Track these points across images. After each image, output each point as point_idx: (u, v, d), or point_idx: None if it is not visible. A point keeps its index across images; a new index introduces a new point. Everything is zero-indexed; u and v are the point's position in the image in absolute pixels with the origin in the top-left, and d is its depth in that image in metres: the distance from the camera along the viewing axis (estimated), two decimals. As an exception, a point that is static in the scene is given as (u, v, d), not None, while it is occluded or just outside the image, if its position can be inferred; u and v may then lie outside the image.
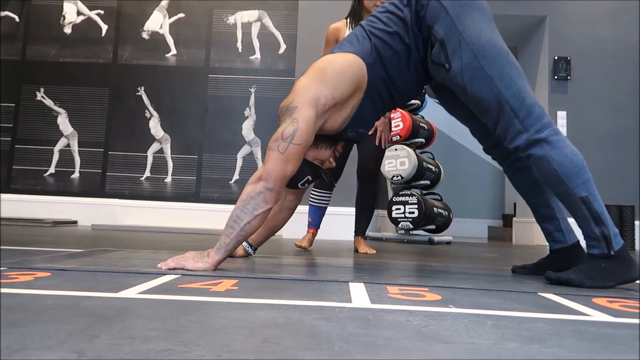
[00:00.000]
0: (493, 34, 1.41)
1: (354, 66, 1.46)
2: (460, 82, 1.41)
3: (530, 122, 1.36)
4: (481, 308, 0.95)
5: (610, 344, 0.71)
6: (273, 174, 1.34)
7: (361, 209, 2.58)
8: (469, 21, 1.40)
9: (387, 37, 1.48)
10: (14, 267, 1.27)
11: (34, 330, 0.65)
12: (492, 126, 1.43)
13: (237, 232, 1.34)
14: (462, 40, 1.39)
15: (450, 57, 1.41)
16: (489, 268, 1.81)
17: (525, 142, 1.36)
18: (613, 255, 1.30)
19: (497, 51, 1.39)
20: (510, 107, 1.36)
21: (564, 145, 1.35)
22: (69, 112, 4.65)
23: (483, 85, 1.38)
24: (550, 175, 1.35)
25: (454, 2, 1.42)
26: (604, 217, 1.32)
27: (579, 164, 1.35)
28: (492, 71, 1.37)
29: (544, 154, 1.35)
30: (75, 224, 4.40)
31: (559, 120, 4.17)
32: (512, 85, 1.37)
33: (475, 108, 1.45)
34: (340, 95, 1.45)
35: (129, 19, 4.72)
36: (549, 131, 1.36)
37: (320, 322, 0.77)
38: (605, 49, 4.21)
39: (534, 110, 1.36)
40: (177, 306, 0.86)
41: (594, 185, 1.36)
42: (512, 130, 1.38)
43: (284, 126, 1.38)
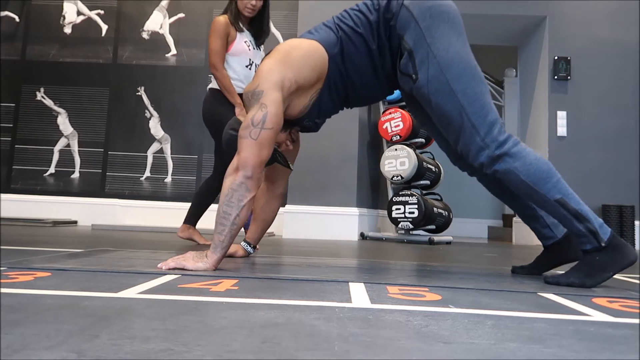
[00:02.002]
0: (462, 48, 1.42)
1: (317, 54, 1.46)
2: (425, 93, 1.42)
3: (491, 139, 1.36)
4: (481, 308, 0.95)
5: (610, 344, 0.71)
6: (250, 162, 1.35)
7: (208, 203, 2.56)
8: (439, 34, 1.41)
9: (354, 35, 1.48)
10: (14, 267, 1.27)
11: (34, 330, 0.65)
12: (454, 141, 1.43)
13: (229, 227, 1.34)
14: (430, 53, 1.40)
15: (418, 68, 1.42)
16: (489, 268, 1.81)
17: (488, 159, 1.37)
18: (605, 246, 1.30)
19: (463, 66, 1.39)
20: (471, 123, 1.37)
21: (526, 154, 1.36)
22: (69, 112, 4.65)
23: (447, 99, 1.38)
24: (521, 186, 1.36)
25: (425, 13, 1.42)
26: (584, 212, 1.32)
27: (545, 169, 1.35)
28: (457, 86, 1.38)
29: (509, 168, 1.35)
30: (75, 224, 4.40)
31: (559, 120, 4.17)
32: (476, 102, 1.37)
33: (438, 121, 1.45)
34: (303, 80, 1.45)
35: (129, 19, 4.72)
36: (510, 144, 1.36)
37: (320, 322, 0.77)
38: (605, 49, 4.21)
39: (495, 126, 1.37)
40: (177, 306, 0.86)
41: (566, 184, 1.36)
42: (474, 146, 1.38)
43: (252, 112, 1.37)
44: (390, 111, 4.15)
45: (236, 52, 2.40)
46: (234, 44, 2.39)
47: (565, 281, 1.31)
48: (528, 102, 4.71)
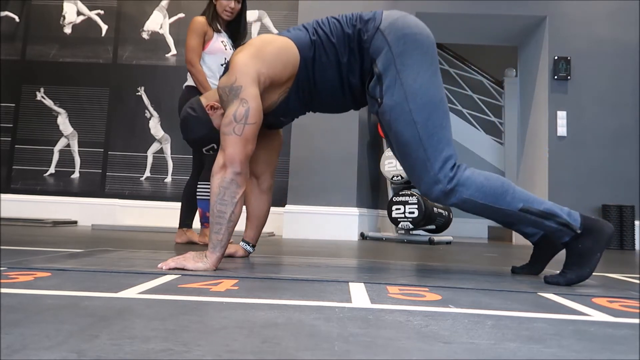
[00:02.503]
0: (430, 80, 1.42)
1: (290, 52, 1.47)
2: (387, 119, 1.43)
3: (443, 174, 1.38)
4: (481, 308, 0.95)
5: (610, 344, 0.71)
6: (237, 158, 1.35)
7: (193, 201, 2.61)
8: (410, 62, 1.42)
9: (328, 44, 1.48)
10: (14, 267, 1.27)
11: (34, 330, 0.65)
12: (408, 170, 1.44)
13: (226, 225, 1.35)
14: (398, 79, 1.41)
15: (384, 93, 1.43)
16: (489, 268, 1.81)
17: (442, 194, 1.38)
18: (581, 232, 1.32)
19: (428, 98, 1.40)
20: (427, 157, 1.38)
21: (475, 178, 1.37)
22: (69, 112, 4.65)
23: (406, 128, 1.40)
24: (482, 209, 1.38)
25: (399, 40, 1.43)
26: (550, 210, 1.34)
27: (498, 185, 1.37)
28: (418, 116, 1.39)
29: (464, 197, 1.37)
30: (75, 224, 4.40)
31: (559, 120, 4.17)
32: (434, 135, 1.39)
33: (396, 148, 1.47)
34: (275, 76, 1.45)
35: (129, 19, 4.72)
36: (459, 174, 1.38)
37: (320, 322, 0.77)
38: (605, 49, 4.21)
39: (449, 162, 1.39)
40: (177, 306, 0.86)
41: (523, 190, 1.38)
42: (427, 179, 1.39)
43: (233, 108, 1.37)
44: (390, 111, 4.15)
45: (212, 51, 2.49)
46: (210, 43, 2.49)
47: (565, 280, 1.32)
48: (528, 102, 4.71)
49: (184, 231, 2.58)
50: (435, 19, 4.55)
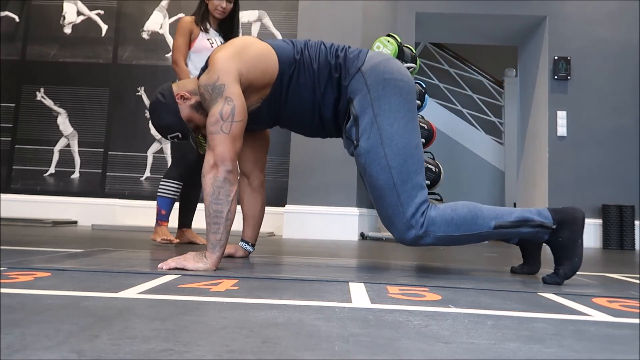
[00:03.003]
0: (407, 125, 1.43)
1: (270, 61, 1.46)
2: (363, 162, 1.44)
3: (416, 220, 1.40)
4: (481, 308, 0.95)
5: (610, 344, 0.71)
6: (227, 156, 1.35)
7: (194, 202, 2.62)
8: (387, 107, 1.43)
9: (309, 67, 1.48)
10: (14, 267, 1.27)
11: (34, 330, 0.65)
12: (382, 214, 1.45)
13: (224, 224, 1.35)
14: (374, 123, 1.42)
15: (360, 135, 1.44)
16: (489, 268, 1.81)
17: (415, 238, 1.40)
18: (556, 226, 1.35)
19: (404, 143, 1.41)
20: (400, 202, 1.40)
21: (443, 214, 1.39)
22: (69, 112, 4.65)
23: (381, 173, 1.41)
24: (459, 240, 1.41)
25: (379, 84, 1.43)
26: (522, 218, 1.37)
27: (465, 212, 1.39)
28: (393, 162, 1.40)
29: (437, 236, 1.40)
30: (75, 224, 4.40)
31: (559, 120, 4.17)
32: (408, 181, 1.40)
33: (370, 191, 1.47)
34: (253, 80, 1.45)
35: (129, 19, 4.72)
36: (426, 215, 1.39)
37: (320, 322, 0.77)
38: (605, 49, 4.21)
39: (421, 207, 1.40)
40: (177, 306, 0.86)
41: (489, 207, 1.41)
42: (400, 225, 1.41)
43: (219, 106, 1.37)
44: (390, 111, 4.14)
45: (198, 49, 2.49)
46: (196, 41, 2.49)
47: (560, 277, 1.33)
48: (528, 102, 4.71)
49: (183, 232, 2.58)
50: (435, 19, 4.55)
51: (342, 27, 3.89)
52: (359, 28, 3.89)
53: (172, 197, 2.45)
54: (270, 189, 4.16)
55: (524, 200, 4.77)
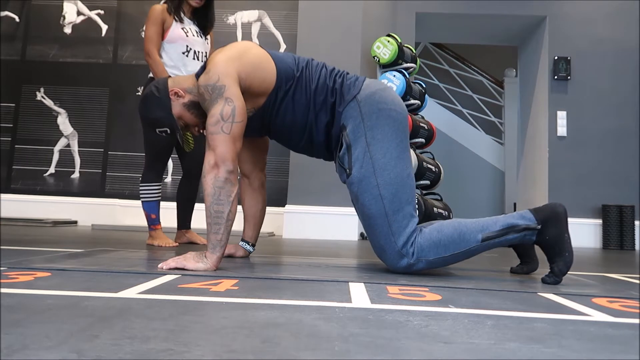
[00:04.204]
0: (399, 156, 1.44)
1: (268, 70, 1.46)
2: (355, 190, 1.45)
3: (406, 250, 1.40)
4: (481, 308, 0.95)
5: (610, 344, 0.71)
6: (228, 156, 1.35)
7: (190, 202, 2.59)
8: (380, 136, 1.43)
9: (306, 87, 1.48)
10: (14, 267, 1.27)
11: (34, 330, 0.65)
12: (374, 242, 1.46)
13: (224, 224, 1.35)
14: (367, 153, 1.43)
15: (352, 164, 1.45)
16: (489, 268, 1.81)
17: (408, 265, 1.41)
18: (541, 226, 1.36)
19: (396, 173, 1.42)
20: (392, 231, 1.40)
21: (430, 237, 1.40)
22: (69, 112, 4.65)
23: (373, 202, 1.42)
24: (451, 260, 1.41)
25: (373, 114, 1.44)
26: (505, 224, 1.38)
27: (450, 232, 1.40)
28: (385, 191, 1.41)
29: (430, 260, 1.40)
30: (75, 224, 4.40)
31: (559, 120, 4.17)
32: (400, 211, 1.41)
33: (361, 219, 1.48)
34: (250, 86, 1.45)
35: (129, 19, 4.72)
36: (419, 243, 1.39)
37: (320, 322, 0.77)
38: (605, 49, 4.21)
39: (413, 235, 1.41)
40: (177, 306, 0.86)
41: (473, 220, 1.41)
42: (391, 253, 1.41)
43: (219, 107, 1.37)
44: (390, 111, 4.14)
45: (172, 39, 2.37)
46: (169, 31, 2.37)
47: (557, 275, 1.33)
48: (528, 102, 4.71)
49: (183, 233, 2.57)
50: (435, 19, 4.55)
51: (342, 27, 3.89)
52: (359, 28, 3.89)
53: (156, 199, 2.41)
54: (270, 189, 4.16)
55: (524, 200, 4.77)
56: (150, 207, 2.39)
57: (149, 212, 2.39)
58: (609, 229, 3.88)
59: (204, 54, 2.46)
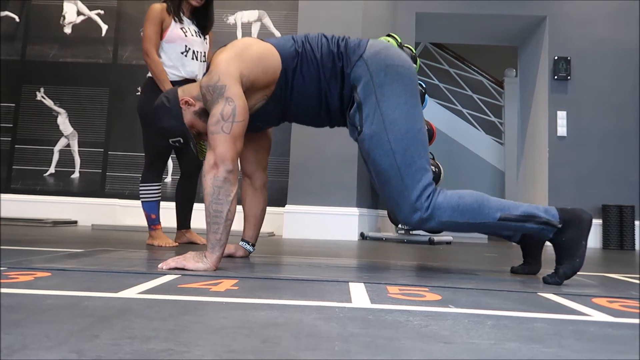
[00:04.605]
0: (409, 110, 1.44)
1: (272, 60, 1.48)
2: (367, 147, 1.45)
3: (421, 202, 1.40)
4: (481, 308, 0.95)
5: (610, 344, 0.71)
6: (228, 155, 1.35)
7: (188, 202, 2.59)
8: (390, 93, 1.44)
9: (312, 59, 1.49)
10: (14, 267, 1.27)
11: (34, 330, 0.65)
12: (387, 197, 1.46)
13: (223, 224, 1.35)
14: (377, 109, 1.43)
15: (363, 121, 1.45)
16: (489, 268, 1.81)
17: (420, 220, 1.41)
18: (562, 225, 1.34)
19: (407, 128, 1.42)
20: (405, 185, 1.40)
21: (449, 199, 1.39)
22: (69, 112, 4.65)
23: (385, 158, 1.42)
24: (463, 227, 1.41)
25: (381, 71, 1.45)
26: (528, 213, 1.36)
27: (471, 200, 1.39)
28: (397, 146, 1.41)
29: (442, 221, 1.40)
30: (75, 224, 4.40)
31: (559, 120, 4.17)
32: (412, 165, 1.41)
33: (375, 176, 1.48)
34: (255, 80, 1.46)
35: (129, 19, 4.72)
36: (433, 200, 1.40)
37: (320, 322, 0.77)
38: (605, 49, 4.21)
39: (427, 190, 1.41)
40: (177, 306, 0.86)
41: (496, 199, 1.40)
42: (405, 207, 1.41)
43: (220, 107, 1.38)
44: (390, 111, 4.14)
45: (171, 39, 2.36)
46: (168, 30, 2.36)
47: (560, 276, 1.33)
48: (528, 102, 4.71)
49: (183, 233, 2.58)
50: (435, 19, 4.55)
51: (342, 27, 3.89)
52: (359, 28, 3.89)
53: (156, 199, 2.40)
54: (270, 189, 4.16)
55: (524, 200, 4.77)
56: (150, 207, 2.39)
57: (148, 212, 2.40)
58: (609, 229, 3.88)
59: (202, 54, 2.45)
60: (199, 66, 2.43)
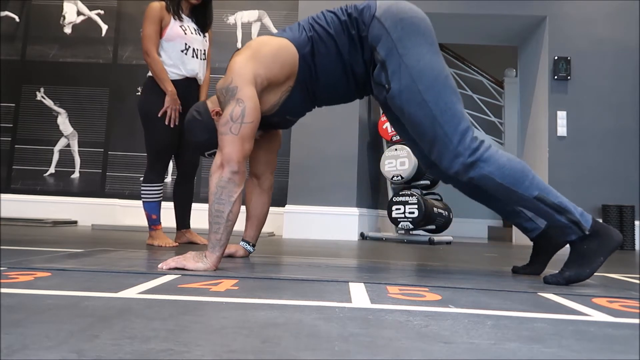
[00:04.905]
0: (433, 58, 1.43)
1: (287, 51, 1.48)
2: (398, 103, 1.44)
3: (463, 147, 1.38)
4: (481, 308, 0.95)
5: (610, 344, 0.71)
6: (234, 156, 1.35)
7: (187, 203, 2.58)
8: (410, 44, 1.42)
9: (325, 36, 1.49)
10: (14, 267, 1.27)
11: (34, 330, 0.65)
12: (428, 150, 1.45)
13: (224, 224, 1.35)
14: (402, 63, 1.42)
15: (390, 79, 1.44)
16: (489, 268, 1.81)
17: (462, 167, 1.38)
18: (589, 233, 1.32)
19: (435, 76, 1.41)
20: (444, 132, 1.39)
21: (498, 157, 1.37)
22: (69, 112, 4.65)
23: (419, 109, 1.40)
24: (498, 189, 1.38)
25: (397, 25, 1.44)
26: (564, 204, 1.34)
27: (519, 168, 1.37)
28: (429, 96, 1.40)
29: (483, 173, 1.37)
30: (75, 224, 4.40)
31: (559, 120, 4.17)
32: (447, 111, 1.39)
33: (412, 130, 1.47)
34: (273, 77, 1.46)
35: (129, 19, 4.72)
36: (482, 150, 1.38)
37: (320, 322, 0.77)
38: (605, 49, 4.21)
39: (467, 134, 1.39)
40: (177, 306, 0.86)
41: (541, 179, 1.38)
42: (447, 155, 1.39)
43: (230, 108, 1.38)
44: (390, 111, 4.15)
45: (170, 37, 2.35)
46: (167, 29, 2.35)
47: (563, 278, 1.32)
48: (528, 102, 4.71)
49: (182, 233, 2.57)
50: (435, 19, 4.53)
51: (342, 27, 3.89)
52: (359, 28, 3.89)
53: (157, 199, 2.40)
54: (270, 189, 4.16)
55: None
56: (151, 208, 2.40)
57: (149, 212, 2.40)
58: (609, 229, 3.88)
59: (203, 52, 2.45)
60: (199, 64, 2.43)
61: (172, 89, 2.32)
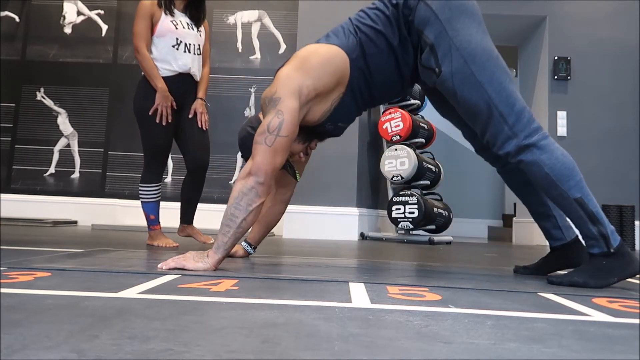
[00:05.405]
0: (483, 39, 1.41)
1: (337, 59, 1.45)
2: (450, 86, 1.41)
3: (519, 128, 1.36)
4: (481, 308, 0.95)
5: (610, 344, 0.71)
6: (263, 168, 1.34)
7: (194, 198, 2.55)
8: (459, 26, 1.40)
9: (373, 34, 1.47)
10: (14, 267, 1.27)
11: (34, 330, 0.65)
12: (481, 131, 1.43)
13: (234, 229, 1.34)
14: (453, 45, 1.39)
15: (440, 62, 1.41)
16: (489, 268, 1.81)
17: (515, 148, 1.36)
18: (613, 252, 1.30)
19: (487, 56, 1.38)
20: (499, 113, 1.36)
21: (554, 149, 1.36)
22: (69, 112, 4.65)
23: (473, 91, 1.38)
24: (543, 179, 1.36)
25: (444, 6, 1.41)
26: (600, 216, 1.33)
27: (570, 166, 1.35)
28: (482, 76, 1.37)
29: (534, 159, 1.35)
30: (75, 224, 4.40)
31: (559, 120, 4.17)
32: (502, 91, 1.37)
33: (464, 113, 1.45)
34: (322, 87, 1.44)
35: (129, 19, 4.72)
36: (539, 136, 1.36)
37: (320, 322, 0.77)
38: (605, 49, 4.21)
39: (523, 115, 1.36)
40: (177, 306, 0.86)
41: (586, 186, 1.36)
42: (501, 136, 1.37)
43: (269, 118, 1.37)
44: (390, 111, 4.15)
45: (161, 33, 2.32)
46: (158, 25, 2.32)
47: (569, 280, 1.31)
48: (528, 102, 4.71)
49: (185, 227, 2.57)
50: (435, 19, 4.54)
51: (342, 27, 3.89)
52: (359, 28, 3.89)
53: (155, 200, 2.39)
54: (270, 189, 4.16)
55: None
56: (149, 208, 2.39)
57: (148, 212, 2.39)
58: (609, 229, 3.88)
59: (196, 47, 2.41)
60: (192, 59, 2.37)
61: (162, 86, 2.28)
